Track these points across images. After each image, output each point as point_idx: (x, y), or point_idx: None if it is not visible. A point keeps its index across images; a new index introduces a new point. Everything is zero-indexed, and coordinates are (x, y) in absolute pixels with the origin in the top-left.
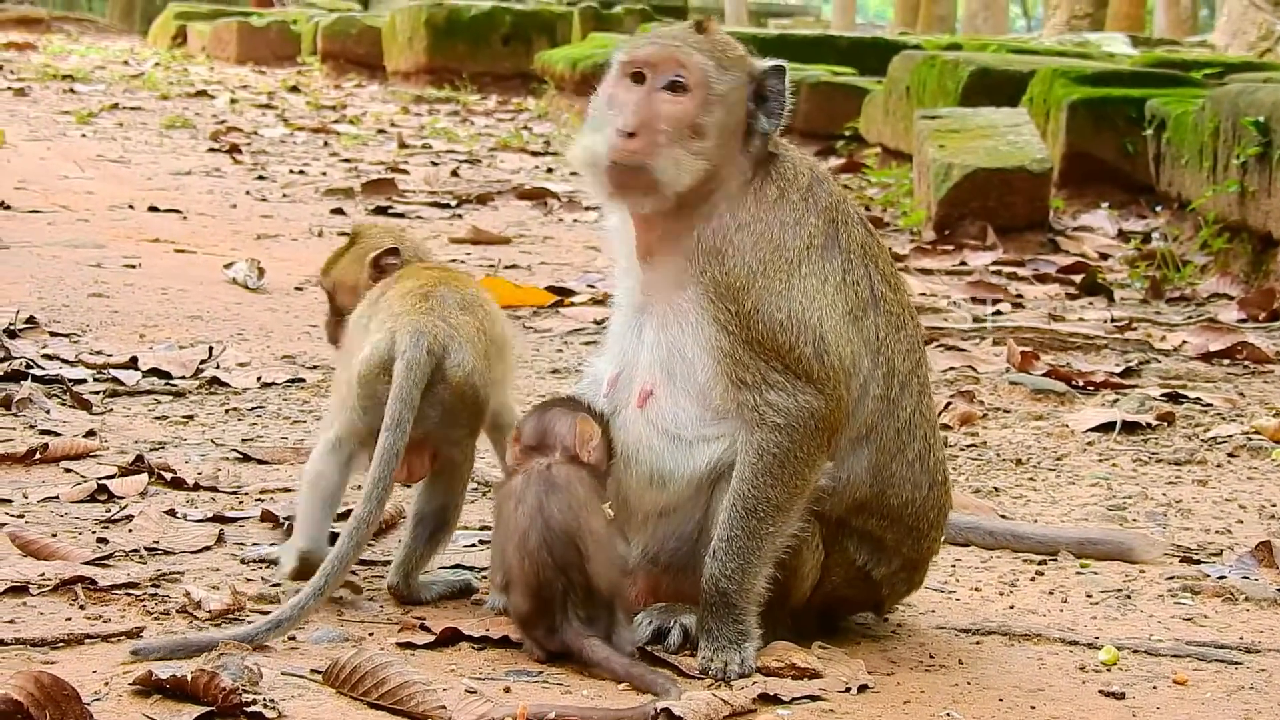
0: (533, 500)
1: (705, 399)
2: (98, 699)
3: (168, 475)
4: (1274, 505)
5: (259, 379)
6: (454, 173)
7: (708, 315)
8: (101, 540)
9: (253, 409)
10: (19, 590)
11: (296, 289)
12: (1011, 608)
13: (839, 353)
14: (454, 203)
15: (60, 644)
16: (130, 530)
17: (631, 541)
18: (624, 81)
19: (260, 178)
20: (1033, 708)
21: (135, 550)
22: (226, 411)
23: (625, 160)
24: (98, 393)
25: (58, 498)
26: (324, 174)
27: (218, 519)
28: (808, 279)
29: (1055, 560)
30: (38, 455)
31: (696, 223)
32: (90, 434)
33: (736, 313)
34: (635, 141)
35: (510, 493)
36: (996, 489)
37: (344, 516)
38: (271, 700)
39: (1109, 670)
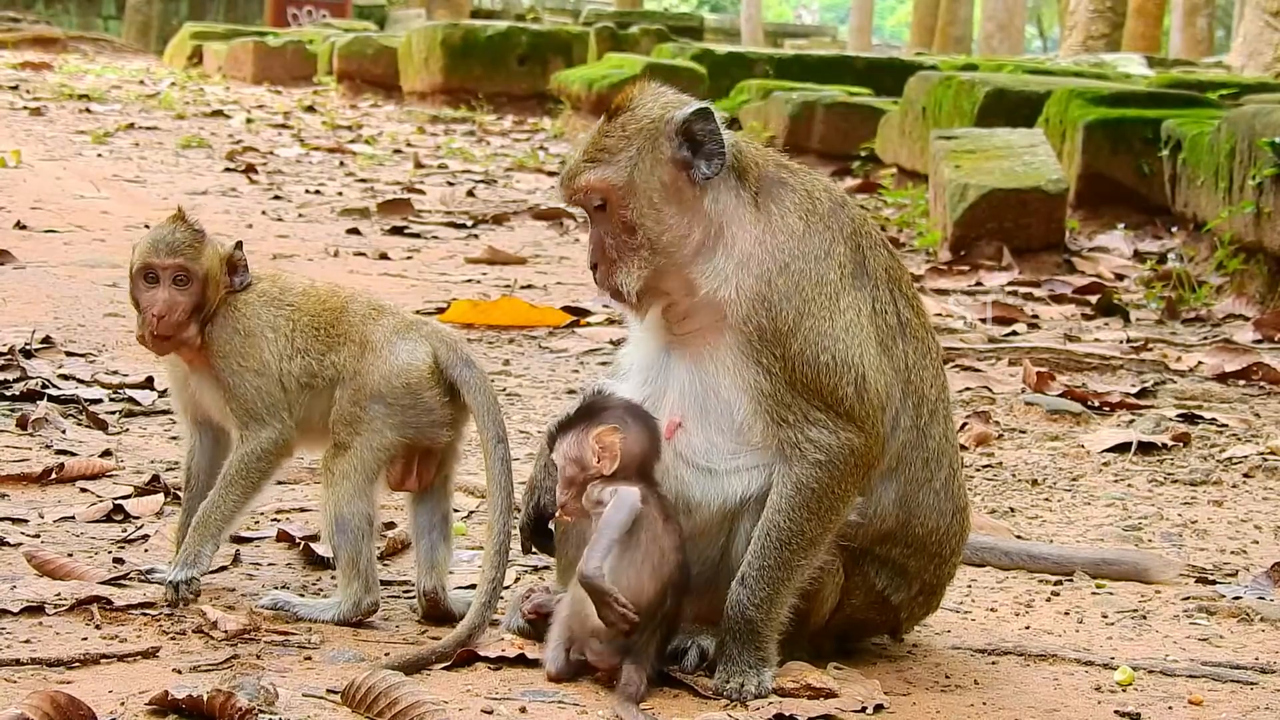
0: (673, 522)
1: (740, 435)
2: (114, 719)
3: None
4: None
5: None
6: (470, 193)
7: (749, 360)
8: (118, 560)
9: None
10: (35, 610)
11: None
12: (1027, 628)
13: (876, 388)
14: (470, 223)
15: (76, 664)
16: (146, 550)
17: None
18: (585, 220)
19: (276, 198)
20: None
21: (151, 570)
22: None
23: (603, 288)
24: (113, 412)
25: (74, 517)
26: (340, 194)
27: (233, 539)
28: (847, 312)
29: (1071, 580)
30: (54, 475)
31: (726, 272)
32: (106, 454)
33: (782, 356)
34: (599, 273)
35: (648, 500)
36: (1012, 509)
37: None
38: None
39: (1124, 691)
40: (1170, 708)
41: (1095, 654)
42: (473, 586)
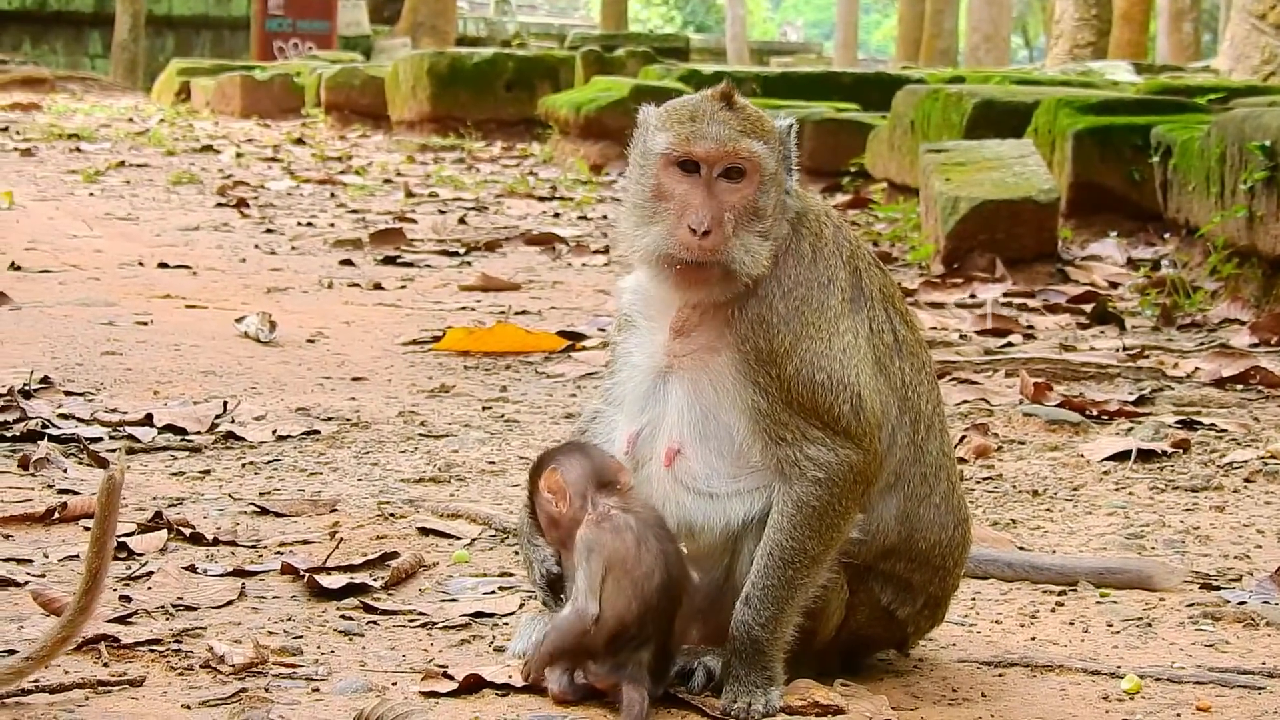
0: (655, 543)
1: (740, 457)
2: None
3: (186, 531)
4: None
5: (274, 432)
6: (461, 220)
7: (746, 379)
8: (124, 598)
9: (269, 462)
10: None
11: (309, 341)
12: (1033, 639)
13: (873, 406)
14: (462, 250)
15: (88, 690)
16: (150, 588)
17: None
18: (672, 170)
19: (268, 231)
20: None
21: (159, 607)
22: (243, 465)
23: (701, 258)
24: (114, 450)
25: (78, 556)
26: (332, 225)
27: (238, 573)
28: (845, 335)
29: (1075, 590)
30: (57, 515)
31: (736, 291)
32: None
33: (778, 376)
34: (710, 239)
35: (622, 527)
36: (1014, 521)
37: None
38: None
39: (1132, 699)
40: (1178, 715)
41: (1101, 663)
42: (478, 614)
